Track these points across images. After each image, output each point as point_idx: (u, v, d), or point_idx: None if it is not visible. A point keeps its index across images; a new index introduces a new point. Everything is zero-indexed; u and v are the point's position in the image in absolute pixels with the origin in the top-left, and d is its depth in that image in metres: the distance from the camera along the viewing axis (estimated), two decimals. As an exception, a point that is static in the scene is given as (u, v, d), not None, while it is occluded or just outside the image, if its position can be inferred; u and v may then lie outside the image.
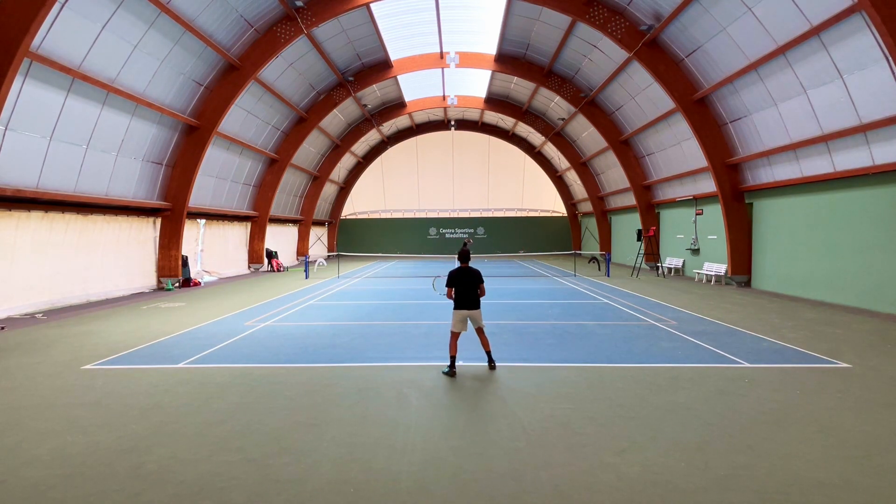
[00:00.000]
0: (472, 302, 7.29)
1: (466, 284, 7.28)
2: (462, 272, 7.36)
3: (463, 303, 7.30)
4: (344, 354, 8.54)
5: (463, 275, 7.33)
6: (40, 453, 4.75)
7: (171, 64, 16.01)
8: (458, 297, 7.31)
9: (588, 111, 26.60)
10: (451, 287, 7.37)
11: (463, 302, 7.30)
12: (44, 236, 13.67)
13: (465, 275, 7.33)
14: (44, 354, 8.58)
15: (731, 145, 18.23)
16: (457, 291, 7.33)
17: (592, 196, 33.88)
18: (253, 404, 6.05)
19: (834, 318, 11.76)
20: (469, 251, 7.67)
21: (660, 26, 17.07)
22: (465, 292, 7.29)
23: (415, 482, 4.19)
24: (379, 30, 22.47)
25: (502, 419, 5.56)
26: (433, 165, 41.01)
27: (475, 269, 7.41)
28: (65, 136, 13.35)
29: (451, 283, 7.36)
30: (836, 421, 5.46)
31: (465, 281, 7.29)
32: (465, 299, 7.29)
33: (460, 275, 7.34)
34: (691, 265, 22.68)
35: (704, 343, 9.20)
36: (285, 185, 29.27)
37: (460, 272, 7.36)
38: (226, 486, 4.12)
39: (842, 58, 12.28)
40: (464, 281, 7.29)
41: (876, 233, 12.88)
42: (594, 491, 4.02)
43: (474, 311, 7.30)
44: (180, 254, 18.86)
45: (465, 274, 7.34)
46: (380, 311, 13.19)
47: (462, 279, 7.30)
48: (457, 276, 7.34)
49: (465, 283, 7.29)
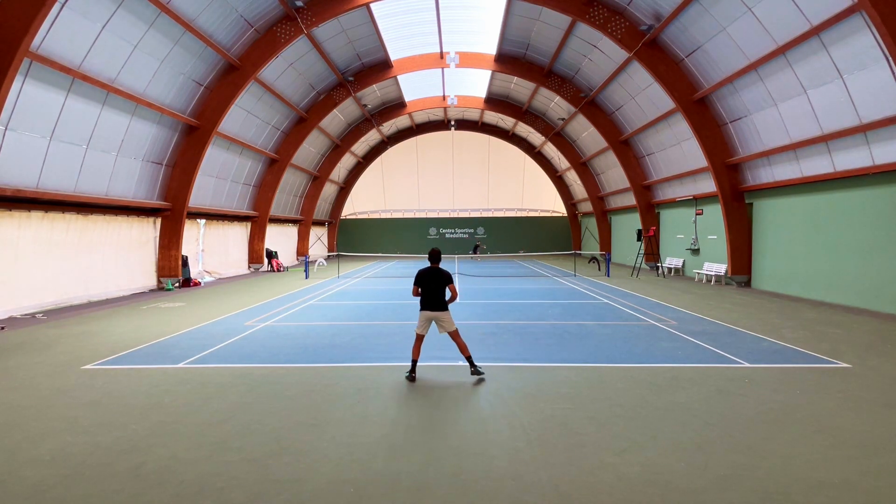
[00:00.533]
0: (437, 303, 7.04)
1: (433, 285, 7.07)
2: (430, 272, 7.16)
3: (427, 304, 7.10)
4: (344, 354, 8.54)
5: (430, 275, 7.13)
6: (40, 453, 4.74)
7: (171, 64, 16.01)
8: (424, 297, 7.13)
9: (588, 111, 26.60)
10: (416, 286, 7.19)
11: (427, 303, 7.10)
12: (44, 236, 13.66)
13: (432, 275, 7.14)
14: (44, 354, 8.58)
15: (731, 145, 18.23)
16: (423, 292, 7.13)
17: (592, 196, 33.88)
18: (253, 404, 6.05)
19: (834, 318, 11.76)
20: (439, 252, 7.41)
21: (660, 26, 17.07)
22: (430, 293, 7.06)
23: (415, 482, 4.19)
24: (379, 30, 22.46)
25: (502, 419, 5.55)
26: (433, 165, 41.01)
27: (445, 270, 7.21)
28: (65, 136, 13.35)
29: (418, 282, 7.18)
30: (836, 421, 5.46)
31: (432, 281, 7.09)
32: (430, 300, 7.08)
33: (428, 275, 7.14)
34: (691, 265, 22.68)
35: (704, 343, 9.19)
36: (285, 185, 29.28)
37: (428, 272, 7.16)
38: (226, 486, 4.12)
39: (842, 58, 12.27)
40: (431, 281, 7.09)
41: (876, 233, 12.88)
42: (594, 491, 4.02)
43: (439, 314, 7.03)
44: (180, 254, 18.86)
45: (432, 274, 7.13)
46: (380, 311, 13.19)
47: (428, 279, 7.11)
48: (424, 275, 7.15)
49: (431, 283, 7.08)
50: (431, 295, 7.05)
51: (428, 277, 7.10)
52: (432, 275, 7.11)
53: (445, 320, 7.04)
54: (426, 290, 7.09)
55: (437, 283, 7.07)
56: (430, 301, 7.06)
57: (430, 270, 7.16)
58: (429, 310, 7.06)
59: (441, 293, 7.07)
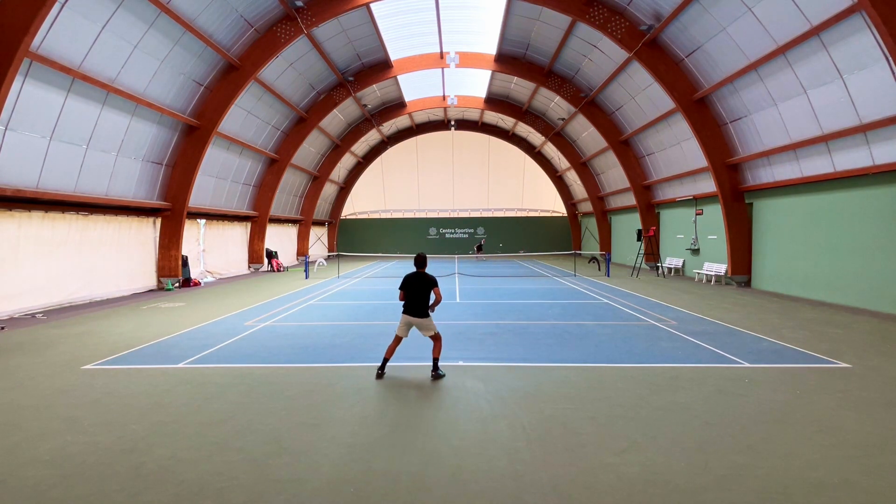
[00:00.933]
0: (419, 309, 7.04)
1: (417, 289, 7.07)
2: (415, 277, 7.15)
3: (409, 308, 7.10)
4: (344, 354, 8.54)
5: (415, 279, 7.11)
6: (40, 453, 4.75)
7: (171, 64, 16.01)
8: (407, 301, 7.13)
9: (588, 111, 26.60)
10: (402, 290, 7.20)
11: (409, 307, 7.09)
12: (45, 236, 13.66)
13: (417, 280, 7.10)
14: (44, 354, 8.58)
15: (731, 145, 18.23)
16: (407, 296, 7.14)
17: (592, 196, 33.88)
18: (253, 404, 6.05)
19: (834, 318, 11.76)
20: (425, 257, 7.41)
21: (660, 26, 17.07)
22: (413, 297, 7.07)
23: (415, 482, 4.19)
24: (379, 30, 22.47)
25: (502, 419, 5.55)
26: (433, 165, 41.00)
27: (430, 275, 7.19)
28: (65, 136, 13.35)
29: (404, 286, 7.18)
30: (836, 421, 5.46)
31: (416, 286, 7.08)
32: (412, 305, 7.06)
33: (413, 279, 7.14)
34: (691, 265, 22.68)
35: (704, 343, 9.19)
36: (285, 185, 29.28)
37: (414, 276, 7.16)
38: (226, 486, 4.12)
39: (842, 58, 12.28)
40: (415, 286, 7.08)
41: (876, 233, 12.88)
42: (594, 491, 4.02)
43: (421, 320, 7.04)
44: (180, 254, 18.86)
45: (417, 279, 7.11)
46: (380, 311, 13.19)
47: (413, 284, 7.11)
48: (409, 280, 7.15)
49: (415, 287, 7.08)
50: (415, 300, 7.07)
51: (412, 282, 7.12)
52: (417, 279, 7.12)
53: (425, 326, 7.08)
54: (410, 294, 7.10)
55: (422, 287, 7.08)
56: (412, 306, 7.08)
57: (415, 275, 7.17)
58: (410, 315, 7.08)
59: (425, 298, 7.09)
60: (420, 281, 7.11)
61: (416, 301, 7.07)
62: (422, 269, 7.28)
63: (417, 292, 7.07)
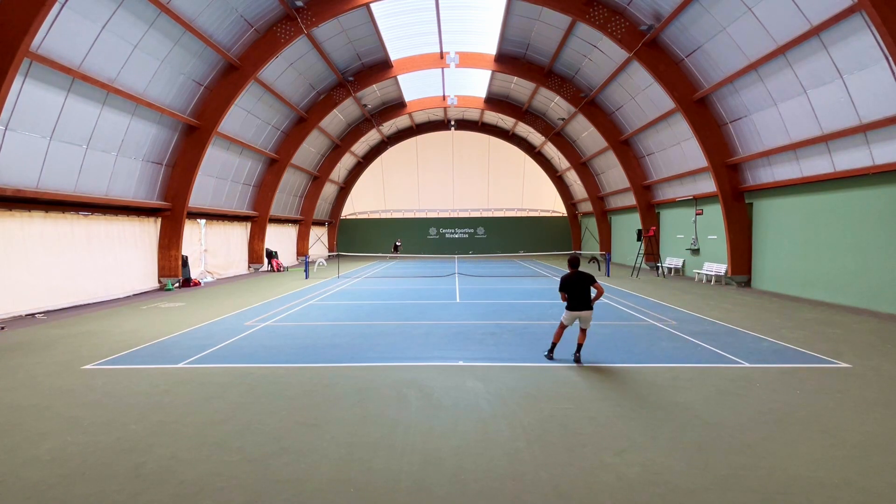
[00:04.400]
0: (585, 303, 7.76)
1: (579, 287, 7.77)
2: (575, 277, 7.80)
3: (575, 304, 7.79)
4: (344, 354, 8.54)
5: (576, 279, 7.77)
6: (40, 453, 4.75)
7: (171, 64, 16.01)
8: (571, 298, 7.77)
9: (588, 111, 26.59)
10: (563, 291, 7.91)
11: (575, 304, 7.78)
12: (45, 236, 13.66)
13: (577, 279, 7.75)
14: (44, 354, 8.58)
15: (731, 145, 18.23)
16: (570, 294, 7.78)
17: (592, 196, 33.87)
18: (253, 404, 6.05)
19: (834, 318, 11.76)
20: (578, 258, 8.21)
21: (660, 26, 17.07)
22: (578, 294, 7.76)
23: (415, 482, 4.19)
24: (379, 30, 22.46)
25: (502, 419, 5.55)
26: (433, 165, 40.99)
27: (587, 273, 7.84)
28: (65, 136, 13.35)
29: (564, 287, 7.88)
30: (836, 421, 5.46)
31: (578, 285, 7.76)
32: (578, 301, 7.75)
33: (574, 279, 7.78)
34: (691, 265, 22.67)
35: (704, 343, 9.19)
36: (285, 185, 29.27)
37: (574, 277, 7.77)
38: (226, 486, 4.12)
39: (842, 58, 12.27)
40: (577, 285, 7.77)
41: (876, 233, 12.88)
42: (594, 491, 4.02)
43: (586, 313, 7.77)
44: (180, 254, 18.86)
45: (577, 278, 7.77)
46: (380, 311, 13.19)
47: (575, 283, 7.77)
48: (570, 280, 7.79)
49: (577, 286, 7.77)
50: (579, 296, 7.76)
51: (576, 282, 7.80)
52: (578, 278, 7.81)
53: (588, 318, 7.81)
54: (574, 292, 7.77)
55: (584, 284, 7.78)
56: (578, 302, 7.76)
57: (575, 275, 7.84)
58: (577, 310, 7.76)
59: (587, 293, 7.81)
60: (580, 279, 7.79)
61: (580, 297, 7.76)
62: (577, 269, 7.92)
63: (580, 290, 7.76)
